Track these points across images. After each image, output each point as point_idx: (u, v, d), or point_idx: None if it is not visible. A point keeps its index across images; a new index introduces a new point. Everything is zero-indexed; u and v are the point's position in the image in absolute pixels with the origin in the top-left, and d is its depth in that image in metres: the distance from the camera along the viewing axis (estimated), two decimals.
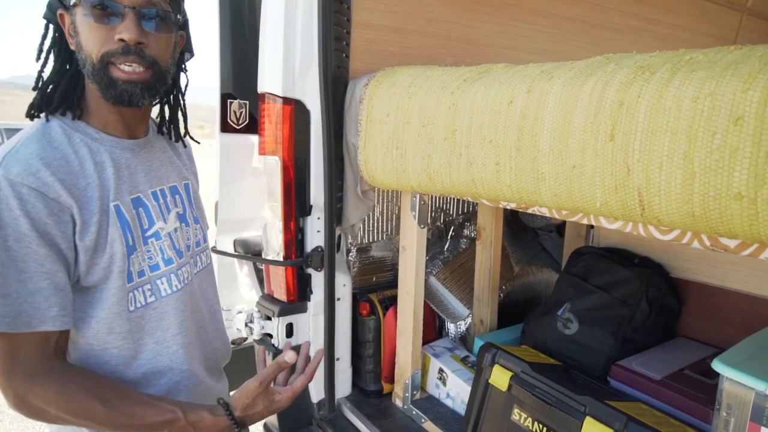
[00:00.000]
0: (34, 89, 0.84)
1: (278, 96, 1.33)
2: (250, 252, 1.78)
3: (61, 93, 0.83)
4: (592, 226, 1.66)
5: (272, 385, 0.88)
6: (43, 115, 0.82)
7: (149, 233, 0.86)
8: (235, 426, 0.82)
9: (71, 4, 0.79)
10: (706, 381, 1.16)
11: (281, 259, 1.42)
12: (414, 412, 1.47)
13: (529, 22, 1.84)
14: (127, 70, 0.78)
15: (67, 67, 0.85)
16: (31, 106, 0.82)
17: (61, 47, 0.85)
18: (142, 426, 0.78)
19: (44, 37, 0.85)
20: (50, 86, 0.83)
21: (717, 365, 0.92)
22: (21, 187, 0.70)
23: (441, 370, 1.51)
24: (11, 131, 7.78)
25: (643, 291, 1.33)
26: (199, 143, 1.19)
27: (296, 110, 1.35)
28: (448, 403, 1.48)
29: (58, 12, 0.82)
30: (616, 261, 1.40)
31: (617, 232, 1.51)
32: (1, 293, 0.69)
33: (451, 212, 1.89)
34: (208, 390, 0.98)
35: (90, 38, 0.77)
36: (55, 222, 0.73)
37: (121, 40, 0.76)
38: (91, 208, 0.77)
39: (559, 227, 1.97)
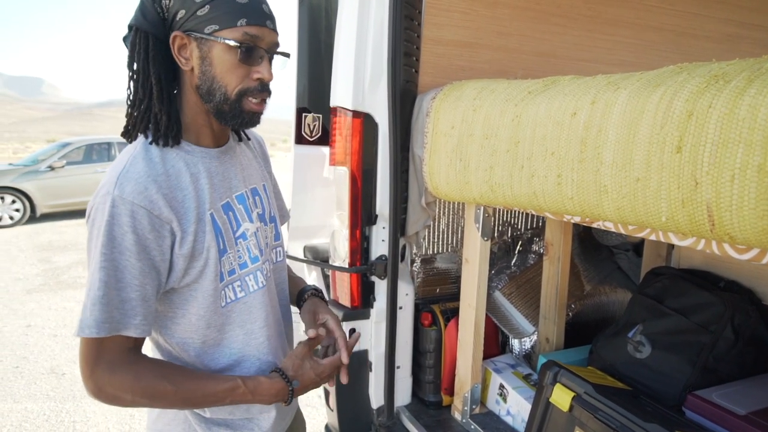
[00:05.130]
0: (127, 115, 0.88)
1: (349, 110, 1.40)
2: (318, 258, 1.86)
3: (166, 118, 0.86)
4: (672, 246, 1.55)
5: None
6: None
7: (238, 234, 0.94)
8: (288, 384, 0.92)
9: (204, 34, 0.81)
10: None
11: (347, 266, 1.48)
12: (472, 427, 1.45)
13: (607, 32, 1.78)
14: (257, 103, 0.87)
15: (161, 83, 0.86)
16: (128, 128, 0.88)
17: (156, 60, 0.84)
18: (206, 396, 0.86)
19: (138, 47, 0.83)
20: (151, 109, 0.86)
21: None
22: (132, 205, 0.79)
23: (502, 386, 1.47)
24: (122, 144, 8.66)
25: (728, 317, 1.22)
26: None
27: (365, 123, 1.41)
28: (508, 420, 1.45)
29: (174, 34, 0.83)
30: (697, 283, 1.30)
31: (701, 252, 1.41)
32: (105, 300, 0.78)
33: (518, 226, 1.85)
34: None
35: (230, 74, 0.83)
36: (155, 237, 0.81)
37: (260, 79, 0.85)
38: (188, 218, 0.85)
39: (637, 246, 1.86)
